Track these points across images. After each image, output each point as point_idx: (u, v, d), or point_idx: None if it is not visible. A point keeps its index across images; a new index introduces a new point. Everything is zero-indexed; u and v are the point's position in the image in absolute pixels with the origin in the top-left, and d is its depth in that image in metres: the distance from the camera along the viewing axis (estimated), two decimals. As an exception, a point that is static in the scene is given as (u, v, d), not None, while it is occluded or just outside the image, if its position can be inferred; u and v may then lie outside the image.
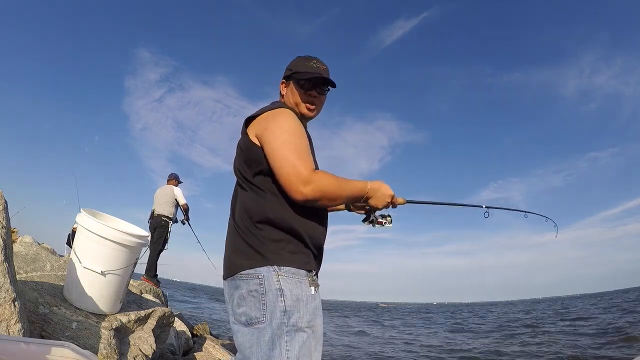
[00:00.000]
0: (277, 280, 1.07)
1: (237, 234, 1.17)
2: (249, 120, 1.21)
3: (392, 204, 1.28)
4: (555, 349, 7.72)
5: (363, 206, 1.45)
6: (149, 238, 2.55)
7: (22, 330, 1.60)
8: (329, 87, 1.31)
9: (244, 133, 1.21)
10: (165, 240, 5.81)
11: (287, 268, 1.09)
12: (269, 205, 1.13)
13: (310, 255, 1.17)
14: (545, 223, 1.65)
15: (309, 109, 1.30)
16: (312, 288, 1.11)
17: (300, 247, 1.14)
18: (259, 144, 1.15)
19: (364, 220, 1.36)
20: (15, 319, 1.58)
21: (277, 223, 1.12)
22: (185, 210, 6.09)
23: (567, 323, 13.20)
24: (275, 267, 1.08)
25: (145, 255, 5.51)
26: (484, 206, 1.46)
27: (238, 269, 1.12)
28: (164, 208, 5.81)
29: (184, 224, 6.20)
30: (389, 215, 1.35)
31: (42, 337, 1.88)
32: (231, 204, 1.28)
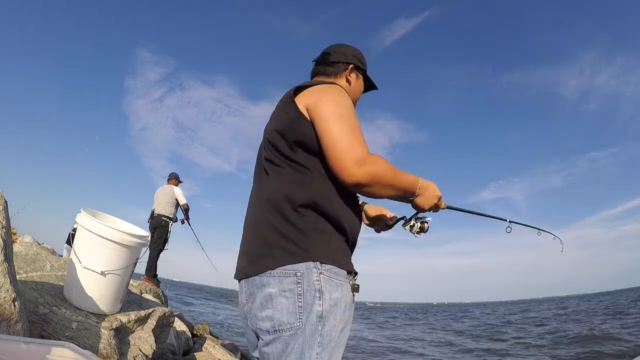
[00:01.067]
0: (318, 280, 0.90)
1: (268, 221, 0.97)
2: (297, 90, 1.04)
3: (437, 206, 1.11)
4: (541, 352, 7.62)
5: (375, 219, 1.32)
6: (149, 238, 2.55)
7: (22, 330, 1.60)
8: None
9: (291, 102, 1.02)
10: (166, 240, 5.82)
11: (329, 266, 0.93)
12: (317, 188, 0.96)
13: (349, 254, 1.02)
14: (553, 240, 1.69)
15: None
16: (354, 293, 0.97)
17: (343, 242, 0.99)
18: (308, 117, 0.99)
19: (404, 224, 1.19)
20: (15, 319, 1.57)
21: (324, 210, 0.95)
22: (186, 210, 6.09)
23: (559, 325, 12.99)
24: (318, 263, 0.91)
25: (145, 255, 5.52)
26: (507, 220, 1.43)
27: (270, 264, 0.93)
28: (164, 208, 5.82)
29: (183, 223, 6.20)
30: (428, 222, 1.18)
31: (42, 337, 1.88)
32: (255, 184, 1.11)
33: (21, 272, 2.31)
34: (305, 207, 0.95)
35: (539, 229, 1.57)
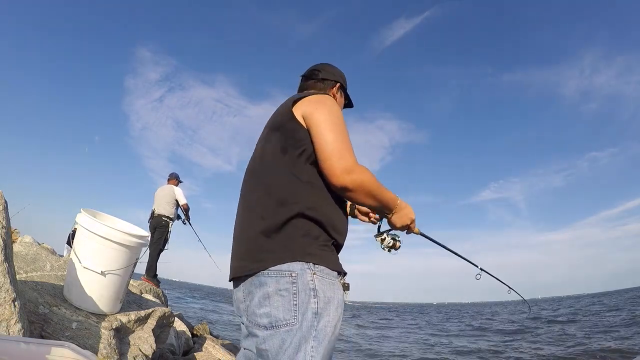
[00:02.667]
0: (312, 280, 0.98)
1: (261, 224, 1.03)
2: (295, 101, 1.13)
3: (410, 228, 1.23)
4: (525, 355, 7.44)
5: (367, 213, 1.45)
6: (149, 238, 2.55)
7: (22, 330, 1.60)
8: None
9: (289, 111, 1.10)
10: (166, 240, 5.81)
11: (321, 267, 1.01)
12: (308, 193, 1.04)
13: (337, 255, 1.10)
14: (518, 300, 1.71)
15: None
16: (345, 292, 1.06)
17: (331, 245, 1.07)
18: (304, 124, 1.08)
19: (377, 236, 1.31)
20: (15, 319, 1.57)
21: (313, 215, 1.03)
22: (186, 210, 6.08)
23: (550, 327, 12.62)
24: (311, 264, 0.99)
25: (145, 255, 5.51)
26: (479, 267, 1.49)
27: (266, 264, 0.99)
28: (164, 208, 5.81)
29: (184, 223, 6.20)
30: (400, 241, 1.30)
31: (42, 337, 1.88)
32: (246, 186, 1.16)
33: (21, 272, 2.31)
34: (296, 212, 1.02)
35: (509, 287, 1.61)
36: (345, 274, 1.10)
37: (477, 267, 1.49)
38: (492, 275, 1.53)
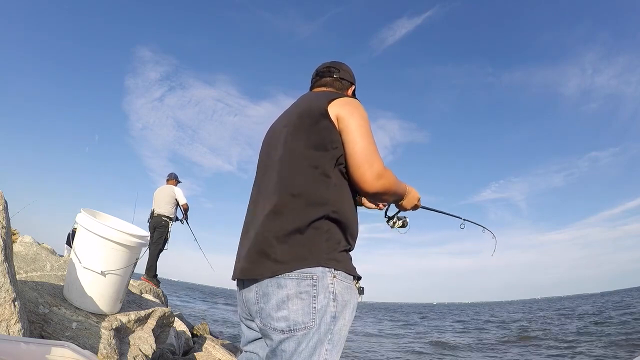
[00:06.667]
0: (332, 283, 0.97)
1: (284, 223, 0.99)
2: (330, 101, 1.10)
3: (416, 206, 1.32)
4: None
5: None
6: (149, 238, 2.55)
7: (22, 330, 1.60)
8: None
9: (324, 111, 1.07)
10: (165, 240, 5.81)
11: (339, 271, 1.01)
12: (334, 196, 1.03)
13: (352, 260, 1.10)
14: (484, 235, 1.78)
15: None
16: (361, 297, 1.08)
17: (349, 249, 1.08)
18: (337, 126, 1.07)
19: (389, 220, 1.39)
20: (15, 319, 1.57)
21: (337, 218, 1.03)
22: (185, 209, 6.09)
23: (547, 328, 12.46)
24: (332, 269, 0.99)
25: (145, 255, 5.51)
26: (462, 218, 1.61)
27: (288, 266, 0.96)
28: (163, 208, 5.81)
29: (182, 223, 6.20)
30: (407, 219, 1.40)
31: (42, 337, 1.88)
32: (261, 184, 1.13)
33: (21, 272, 2.31)
34: (323, 214, 1.01)
35: (483, 227, 1.77)
36: (360, 278, 1.10)
37: (461, 218, 1.61)
38: (472, 222, 1.67)
